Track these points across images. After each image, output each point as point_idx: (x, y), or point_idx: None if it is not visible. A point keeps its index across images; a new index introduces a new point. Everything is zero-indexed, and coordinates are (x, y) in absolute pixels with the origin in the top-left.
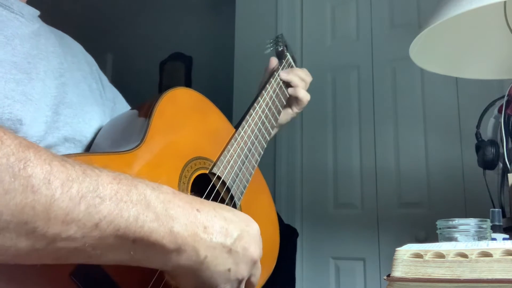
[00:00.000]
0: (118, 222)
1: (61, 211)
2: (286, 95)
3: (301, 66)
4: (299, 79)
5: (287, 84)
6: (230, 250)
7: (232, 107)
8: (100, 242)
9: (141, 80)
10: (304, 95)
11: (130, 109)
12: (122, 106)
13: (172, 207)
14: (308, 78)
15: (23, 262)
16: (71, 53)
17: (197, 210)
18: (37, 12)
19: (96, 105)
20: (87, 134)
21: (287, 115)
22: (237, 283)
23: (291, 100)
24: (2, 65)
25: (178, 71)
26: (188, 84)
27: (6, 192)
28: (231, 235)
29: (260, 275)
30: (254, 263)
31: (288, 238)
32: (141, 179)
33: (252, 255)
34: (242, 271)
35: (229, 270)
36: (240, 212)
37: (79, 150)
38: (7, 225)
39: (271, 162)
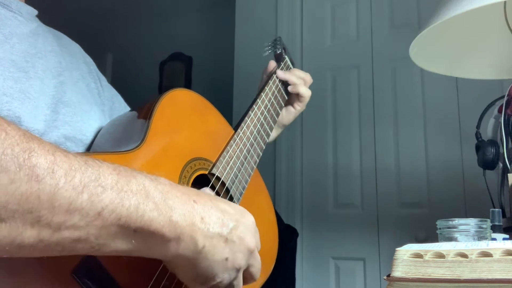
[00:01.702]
0: (119, 211)
1: (65, 200)
2: (284, 97)
3: (301, 67)
4: (297, 78)
5: (286, 85)
6: (226, 240)
7: (232, 107)
8: (102, 232)
9: (141, 80)
10: (305, 91)
11: (130, 110)
12: (121, 106)
13: (170, 197)
14: (307, 77)
15: (28, 254)
16: (69, 52)
17: (194, 201)
18: (35, 12)
19: (94, 104)
20: (87, 133)
21: (289, 114)
22: (235, 272)
23: (293, 98)
24: (0, 63)
25: (178, 71)
26: (188, 84)
27: (11, 182)
28: (227, 225)
29: (260, 267)
30: (250, 252)
31: (288, 238)
32: (139, 171)
33: (248, 244)
34: (240, 260)
35: (226, 259)
36: (235, 204)
37: (80, 149)
38: (13, 214)
39: (271, 162)
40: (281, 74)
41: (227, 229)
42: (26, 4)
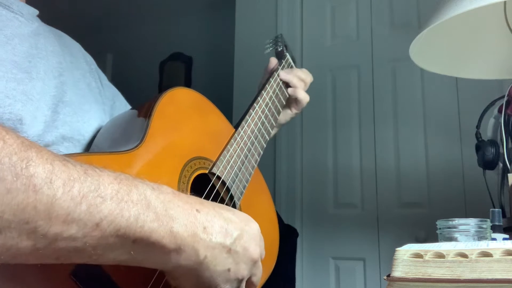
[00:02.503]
0: (118, 222)
1: (62, 211)
2: (286, 95)
3: (301, 66)
4: (298, 80)
5: (287, 85)
6: (229, 250)
7: (232, 107)
8: (100, 242)
9: (141, 80)
10: (304, 97)
11: (130, 109)
12: (122, 104)
13: (172, 207)
14: (308, 78)
15: (24, 261)
16: (70, 52)
17: (197, 210)
18: (36, 12)
19: (95, 103)
20: (86, 133)
21: (286, 115)
22: (237, 283)
23: (290, 101)
24: (3, 64)
25: (178, 71)
26: (188, 84)
27: (8, 192)
28: (231, 235)
29: (261, 275)
30: (254, 263)
31: (288, 238)
32: (141, 179)
33: (252, 254)
34: (242, 271)
35: (228, 270)
36: (240, 212)
37: (78, 149)
38: (8, 224)
39: (271, 162)
40: (283, 75)
41: (231, 238)
42: (27, 4)
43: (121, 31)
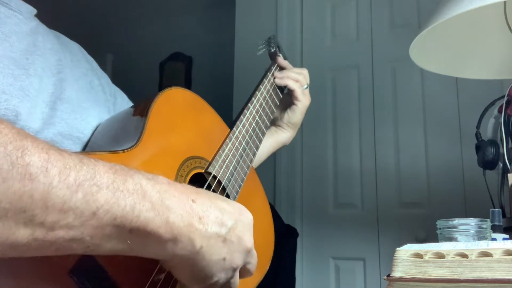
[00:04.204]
0: (115, 211)
1: (58, 199)
2: (279, 95)
3: (301, 66)
4: (293, 81)
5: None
6: (225, 240)
7: (232, 107)
8: (98, 232)
9: (141, 80)
10: (301, 98)
11: (127, 108)
12: (123, 101)
13: (168, 197)
14: (304, 71)
15: (22, 254)
16: (70, 51)
17: (193, 200)
18: (35, 11)
19: (96, 101)
20: (85, 130)
21: (294, 111)
22: (231, 272)
23: (288, 96)
24: (0, 60)
25: (178, 71)
26: (188, 84)
27: (4, 181)
28: (226, 224)
29: (256, 262)
30: (248, 251)
31: (288, 238)
32: (136, 169)
33: (246, 244)
34: (237, 260)
35: (224, 259)
36: (234, 202)
37: (78, 146)
38: (5, 213)
39: (271, 162)
40: (278, 81)
41: (226, 228)
42: (25, 2)
43: (121, 31)
